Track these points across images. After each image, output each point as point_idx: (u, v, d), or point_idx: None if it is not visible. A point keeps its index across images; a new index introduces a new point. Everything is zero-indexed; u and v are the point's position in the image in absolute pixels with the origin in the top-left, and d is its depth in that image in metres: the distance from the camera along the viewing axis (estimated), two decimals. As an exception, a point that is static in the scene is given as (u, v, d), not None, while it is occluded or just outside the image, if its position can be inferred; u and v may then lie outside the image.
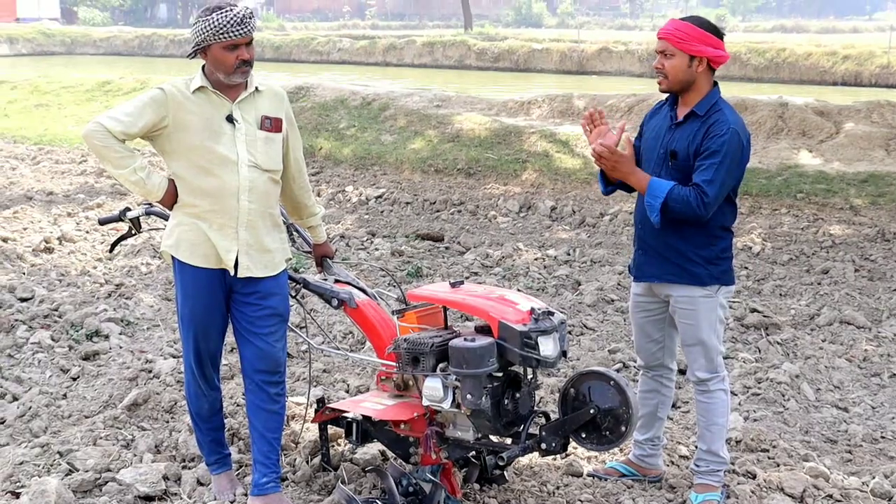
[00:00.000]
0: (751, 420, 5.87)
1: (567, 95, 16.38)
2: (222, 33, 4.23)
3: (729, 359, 6.81)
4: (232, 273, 4.42)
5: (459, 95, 17.39)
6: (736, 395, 6.23)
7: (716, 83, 4.61)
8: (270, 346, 4.55)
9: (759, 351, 7.06)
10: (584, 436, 4.25)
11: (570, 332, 7.32)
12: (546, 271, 9.16)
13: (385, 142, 14.75)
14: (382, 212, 11.86)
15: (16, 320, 7.04)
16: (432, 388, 4.22)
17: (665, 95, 4.72)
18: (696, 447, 4.87)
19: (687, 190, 4.37)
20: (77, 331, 6.96)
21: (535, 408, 4.38)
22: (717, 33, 4.52)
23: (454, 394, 4.20)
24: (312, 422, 4.96)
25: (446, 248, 10.08)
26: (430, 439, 4.41)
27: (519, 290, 8.31)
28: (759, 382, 6.40)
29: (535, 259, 9.54)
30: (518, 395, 4.28)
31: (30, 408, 5.67)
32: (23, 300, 7.63)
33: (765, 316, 7.65)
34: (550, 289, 8.54)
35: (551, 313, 4.21)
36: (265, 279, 4.50)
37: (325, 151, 14.57)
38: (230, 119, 4.38)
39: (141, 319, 7.40)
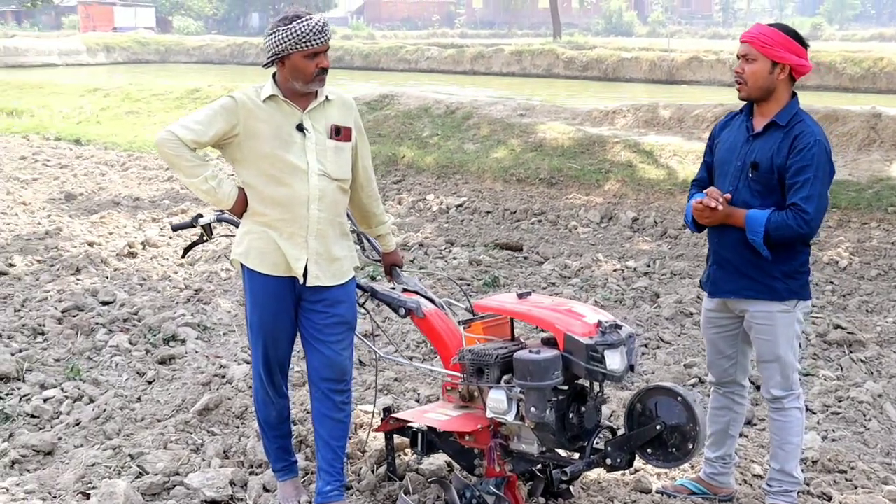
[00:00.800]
0: (829, 440, 5.70)
1: (652, 105, 16.20)
2: (304, 42, 4.25)
3: (809, 376, 6.64)
4: (301, 281, 4.43)
5: (544, 104, 17.31)
6: (815, 413, 6.07)
7: (795, 94, 4.50)
8: (337, 355, 4.54)
9: (842, 368, 6.86)
10: (650, 452, 4.16)
11: (645, 346, 7.24)
12: (625, 283, 9.04)
13: (468, 150, 14.74)
14: (462, 221, 11.83)
15: (96, 323, 7.19)
16: (496, 399, 4.18)
17: (736, 106, 4.61)
18: (769, 466, 4.74)
19: (784, 214, 4.28)
20: (154, 335, 7.08)
21: (603, 422, 4.31)
22: (802, 42, 4.41)
23: (518, 406, 4.15)
24: (377, 431, 4.95)
25: (525, 257, 10.02)
26: (495, 452, 4.37)
27: (596, 301, 8.25)
28: (840, 401, 6.22)
29: (614, 270, 9.43)
30: (584, 408, 4.21)
31: (104, 410, 5.77)
32: (104, 304, 7.79)
33: (849, 332, 7.44)
34: (628, 301, 8.43)
35: (619, 326, 4.13)
36: (333, 287, 4.50)
37: (408, 160, 14.60)
38: (300, 128, 4.39)
39: (218, 325, 7.48)
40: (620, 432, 4.29)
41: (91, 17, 70.11)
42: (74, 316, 7.47)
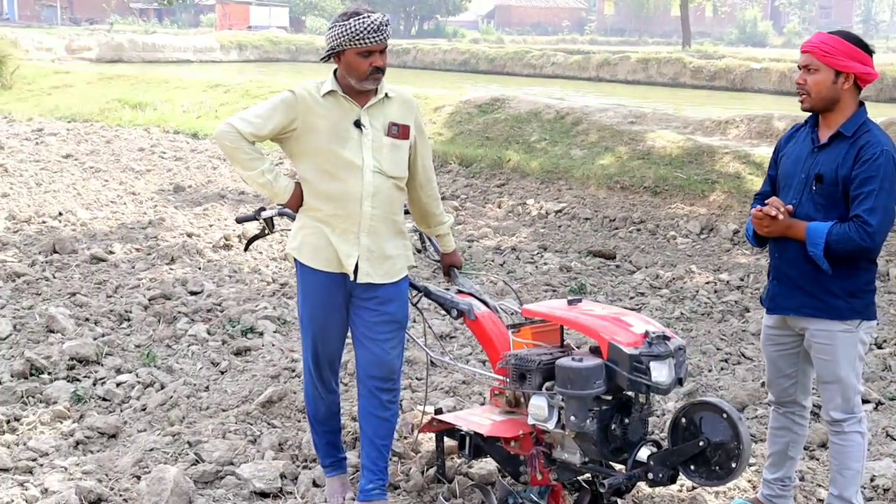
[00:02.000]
0: (906, 468, 5.45)
1: (767, 116, 15.77)
2: (358, 39, 4.25)
3: (895, 400, 6.37)
4: (352, 278, 4.43)
5: (655, 112, 17.03)
6: (895, 440, 5.81)
7: (862, 103, 4.32)
8: (385, 353, 4.54)
9: (929, 392, 6.56)
10: (692, 468, 4.01)
11: (726, 361, 7.05)
12: (716, 296, 8.82)
13: (574, 156, 14.60)
14: (560, 226, 11.71)
15: (179, 312, 7.35)
16: (538, 406, 4.13)
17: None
18: (829, 492, 4.55)
19: (846, 226, 4.12)
20: (234, 326, 7.20)
21: (648, 435, 4.21)
22: (867, 49, 4.26)
23: (559, 414, 4.09)
24: (421, 431, 4.94)
25: (616, 266, 9.87)
26: (537, 459, 4.30)
27: (682, 313, 8.07)
28: (921, 427, 5.95)
29: (707, 283, 9.22)
30: (628, 420, 4.10)
31: (171, 397, 5.88)
32: (192, 293, 7.97)
33: (943, 355, 7.12)
34: (716, 314, 8.22)
35: (667, 338, 4.02)
36: (385, 285, 4.50)
37: (513, 164, 14.52)
38: (357, 124, 4.39)
39: (297, 319, 7.55)
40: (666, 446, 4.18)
41: (228, 15, 71.82)
42: (161, 304, 7.65)
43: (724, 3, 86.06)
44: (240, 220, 5.00)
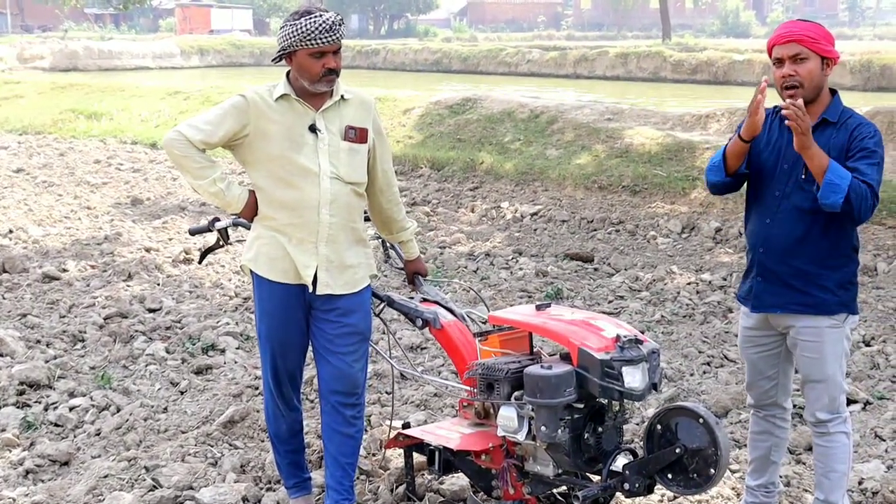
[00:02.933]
0: (895, 470, 5.25)
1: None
2: (309, 39, 4.09)
3: (883, 399, 6.19)
4: (311, 289, 4.25)
5: (633, 108, 16.91)
6: (883, 440, 5.61)
7: (834, 90, 4.20)
8: (348, 367, 4.38)
9: (921, 393, 6.38)
10: (670, 477, 3.84)
11: (708, 364, 6.86)
12: (697, 297, 8.63)
13: (550, 156, 14.41)
14: (536, 230, 11.49)
15: (136, 331, 7.12)
16: (507, 417, 3.97)
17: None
18: (815, 497, 4.37)
19: (864, 185, 3.89)
20: (193, 343, 6.96)
21: (623, 444, 4.02)
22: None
23: (530, 425, 3.92)
24: (387, 447, 4.75)
25: (595, 269, 9.66)
26: (509, 473, 4.14)
27: (663, 315, 7.88)
28: (913, 427, 5.77)
29: (688, 283, 9.02)
30: (601, 429, 3.93)
31: (126, 420, 5.66)
32: (150, 311, 7.73)
33: (933, 351, 6.94)
34: (698, 316, 8.03)
35: (640, 341, 3.84)
36: (345, 296, 4.35)
37: (487, 166, 14.33)
38: (313, 129, 4.23)
39: (258, 334, 7.37)
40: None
41: (188, 19, 71.27)
42: (117, 323, 7.40)
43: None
44: (193, 232, 4.81)
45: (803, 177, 4.08)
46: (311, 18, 4.10)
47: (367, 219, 4.59)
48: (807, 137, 3.92)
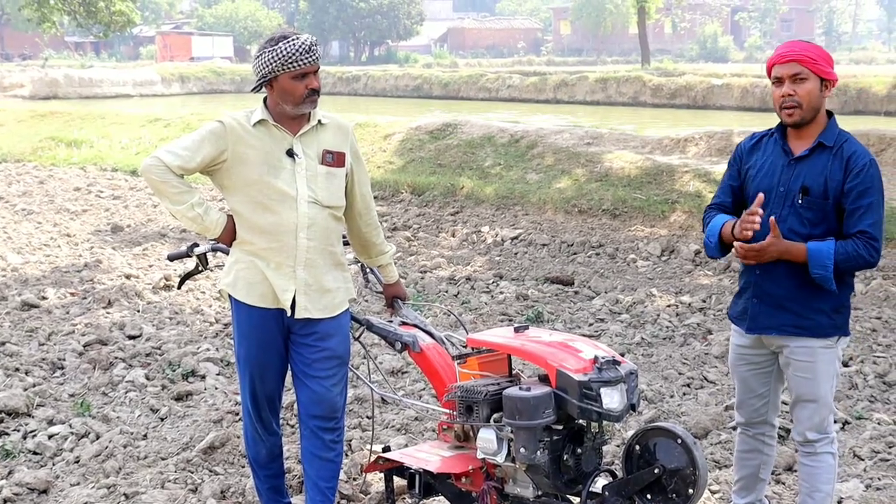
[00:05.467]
0: (873, 488, 5.25)
1: (726, 132, 15.73)
2: (291, 62, 4.12)
3: (862, 419, 6.21)
4: (289, 314, 4.25)
5: (612, 133, 16.99)
6: (862, 459, 5.63)
7: (831, 113, 4.23)
8: (327, 391, 4.38)
9: (900, 412, 6.40)
10: (648, 497, 3.87)
11: (688, 385, 6.87)
12: (677, 319, 8.64)
13: (530, 181, 14.45)
14: (516, 253, 11.50)
15: (116, 357, 7.07)
16: (486, 439, 3.98)
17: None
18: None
19: (852, 244, 4.00)
20: (174, 370, 6.93)
21: (603, 465, 4.04)
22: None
23: (509, 447, 3.93)
24: (366, 471, 4.73)
25: (575, 292, 9.67)
26: (489, 495, 4.12)
27: (643, 338, 7.89)
28: (891, 447, 5.76)
29: (668, 306, 9.05)
30: (581, 450, 3.94)
31: (106, 447, 5.62)
32: (131, 338, 7.69)
33: (912, 372, 6.97)
34: (678, 338, 8.05)
35: (618, 363, 3.86)
36: (324, 320, 4.36)
37: (467, 190, 14.36)
38: (290, 153, 4.25)
39: (237, 359, 7.33)
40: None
41: (169, 47, 71.23)
42: (97, 350, 7.36)
43: (683, 18, 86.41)
44: (171, 258, 4.81)
45: (800, 201, 4.12)
46: (288, 42, 4.13)
47: (346, 243, 4.60)
48: (773, 252, 4.05)
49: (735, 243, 4.16)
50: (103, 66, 58.80)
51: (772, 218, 4.07)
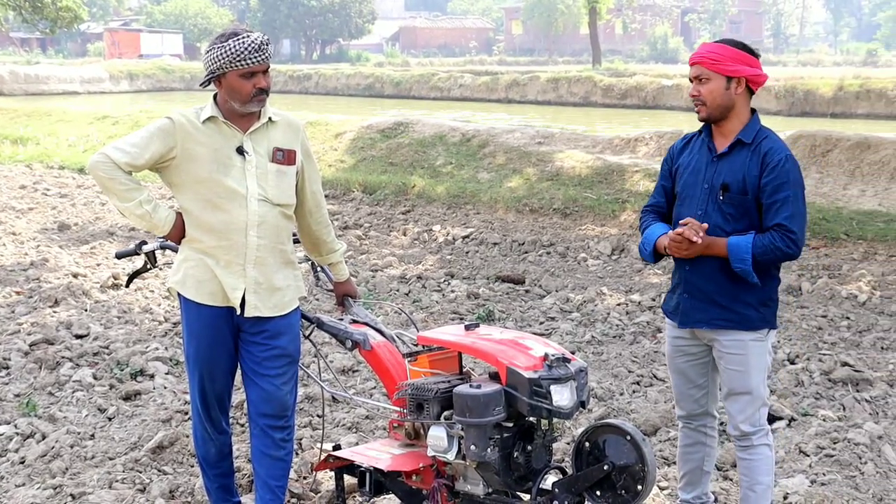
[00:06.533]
0: (818, 484, 5.32)
1: (676, 132, 15.88)
2: (239, 60, 4.09)
3: (808, 416, 6.28)
4: (238, 312, 4.23)
5: (563, 132, 17.08)
6: (808, 455, 5.69)
7: (754, 110, 4.33)
8: (277, 389, 4.35)
9: (844, 408, 6.46)
10: (598, 494, 3.90)
11: (637, 383, 6.92)
12: (627, 317, 8.69)
13: (481, 180, 14.49)
14: (467, 252, 11.51)
15: (62, 357, 6.98)
16: (437, 437, 3.99)
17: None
18: (740, 512, 4.44)
19: (769, 236, 4.10)
20: (122, 369, 6.85)
21: (553, 462, 4.05)
22: (752, 52, 4.28)
23: (460, 444, 3.94)
24: (316, 469, 4.72)
25: (526, 291, 9.70)
26: (439, 493, 4.13)
27: (593, 336, 7.94)
28: (835, 443, 5.83)
29: (618, 304, 9.10)
30: (531, 447, 3.96)
31: (52, 447, 5.54)
32: (78, 337, 7.59)
33: (856, 370, 7.01)
34: (628, 336, 8.10)
35: (567, 360, 3.88)
36: (274, 318, 4.33)
37: (419, 189, 14.36)
38: (240, 151, 4.22)
39: (187, 358, 7.27)
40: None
41: (117, 44, 70.63)
42: (43, 349, 7.26)
43: (634, 20, 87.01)
44: (120, 256, 4.77)
45: (721, 198, 4.22)
46: (238, 39, 4.09)
47: (296, 241, 4.58)
48: (698, 247, 4.17)
49: (669, 233, 4.29)
50: (50, 62, 58.16)
51: (704, 224, 4.19)
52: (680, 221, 4.25)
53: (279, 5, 79.12)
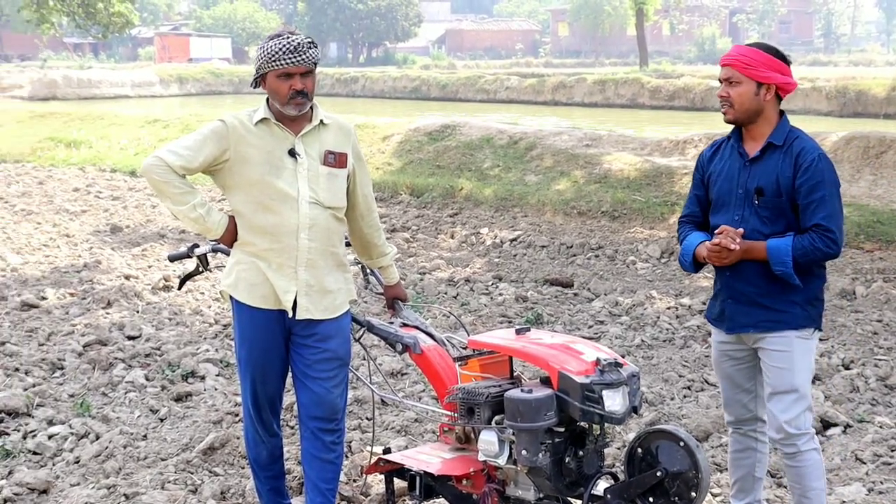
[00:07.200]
0: (875, 492, 5.22)
1: (726, 134, 15.66)
2: (275, 60, 4.13)
3: (863, 422, 6.18)
4: (290, 315, 4.23)
5: (611, 134, 16.97)
6: (864, 463, 5.60)
7: (783, 112, 4.30)
8: (327, 392, 4.36)
9: (902, 415, 6.38)
10: (651, 500, 3.87)
11: (688, 388, 6.86)
12: (677, 321, 8.63)
13: (528, 182, 14.46)
14: (515, 255, 11.50)
15: (115, 358, 7.06)
16: (487, 441, 3.98)
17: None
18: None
19: (808, 237, 4.08)
20: (173, 370, 6.92)
21: (605, 467, 4.02)
22: (785, 59, 4.25)
23: (510, 449, 3.93)
24: (367, 473, 4.71)
25: (574, 294, 9.66)
26: (489, 497, 4.11)
27: (643, 340, 7.88)
28: (893, 450, 5.73)
29: (668, 308, 9.03)
30: (583, 452, 3.93)
31: (106, 448, 5.60)
32: (130, 338, 7.68)
33: (913, 376, 6.94)
34: (678, 340, 8.03)
35: (620, 365, 3.85)
36: (325, 321, 4.33)
37: (466, 192, 14.36)
38: (292, 153, 4.22)
39: (238, 360, 7.32)
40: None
41: (167, 48, 71.27)
42: (96, 350, 7.35)
43: (682, 20, 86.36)
44: (172, 259, 4.81)
45: (757, 202, 4.20)
46: (278, 40, 4.14)
47: (348, 244, 4.59)
48: (739, 257, 4.16)
49: (706, 244, 4.27)
50: (102, 67, 58.93)
51: (739, 229, 4.17)
52: (716, 231, 4.23)
53: (326, 9, 79.53)
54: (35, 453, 5.64)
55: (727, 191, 4.32)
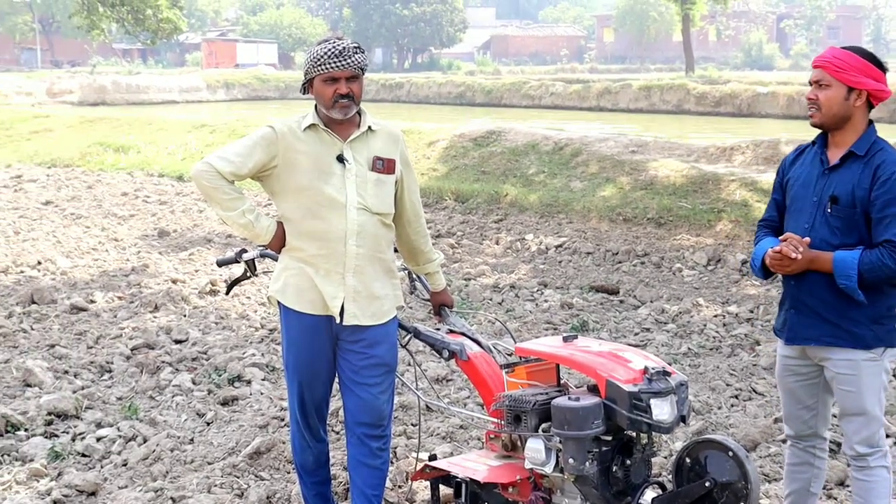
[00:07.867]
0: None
1: (774, 141, 15.55)
2: (320, 65, 4.16)
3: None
4: (338, 320, 4.24)
5: (657, 140, 16.84)
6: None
7: (871, 121, 4.16)
8: (374, 398, 4.36)
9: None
10: (699, 511, 3.82)
11: (736, 397, 6.79)
12: (724, 329, 8.55)
13: (574, 189, 14.40)
14: (560, 262, 11.46)
15: (163, 362, 7.12)
16: (534, 449, 3.95)
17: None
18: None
19: (878, 252, 3.94)
20: (220, 375, 6.96)
21: (652, 477, 4.00)
22: (881, 66, 4.09)
23: (557, 457, 3.90)
24: (413, 479, 4.71)
25: (620, 301, 9.61)
26: (536, 506, 4.08)
27: (689, 348, 7.82)
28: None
29: (715, 316, 8.96)
30: (630, 461, 3.91)
31: (153, 451, 5.64)
32: (177, 342, 7.74)
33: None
34: (725, 349, 7.96)
35: (668, 373, 3.82)
36: (372, 327, 4.33)
37: (511, 198, 14.34)
38: (340, 159, 4.23)
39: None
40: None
41: (214, 53, 71.81)
42: (144, 354, 7.41)
43: (728, 26, 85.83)
44: (220, 264, 4.83)
45: (829, 210, 4.09)
46: (324, 45, 4.18)
47: (395, 250, 4.60)
48: (801, 262, 4.04)
49: (769, 250, 4.17)
50: (150, 72, 59.56)
51: (805, 238, 4.07)
52: (780, 238, 4.16)
53: (372, 15, 79.83)
54: (84, 455, 5.70)
55: (802, 197, 4.21)
